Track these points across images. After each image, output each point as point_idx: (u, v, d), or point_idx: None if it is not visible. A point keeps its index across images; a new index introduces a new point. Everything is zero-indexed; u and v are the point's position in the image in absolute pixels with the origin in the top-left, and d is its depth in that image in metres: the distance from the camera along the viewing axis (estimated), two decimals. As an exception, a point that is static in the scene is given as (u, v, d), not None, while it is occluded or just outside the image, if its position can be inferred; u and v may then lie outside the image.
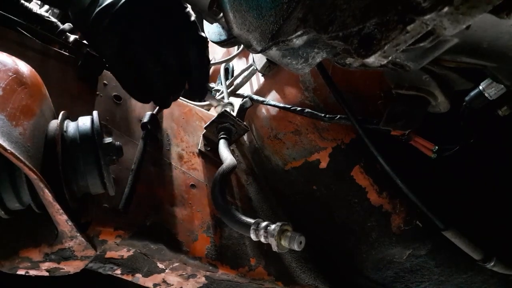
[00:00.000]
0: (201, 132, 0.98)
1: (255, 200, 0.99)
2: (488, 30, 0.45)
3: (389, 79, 0.74)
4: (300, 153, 0.98)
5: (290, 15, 0.48)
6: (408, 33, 0.33)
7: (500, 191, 0.84)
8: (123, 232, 0.59)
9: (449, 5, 0.31)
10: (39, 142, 0.47)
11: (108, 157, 0.53)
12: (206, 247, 0.72)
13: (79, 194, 0.53)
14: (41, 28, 0.79)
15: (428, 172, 0.81)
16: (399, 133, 0.74)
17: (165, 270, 0.69)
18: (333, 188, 0.95)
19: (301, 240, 0.53)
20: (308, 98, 0.93)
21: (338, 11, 0.40)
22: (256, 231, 0.57)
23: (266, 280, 0.80)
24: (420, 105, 0.70)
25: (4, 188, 0.45)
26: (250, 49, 0.56)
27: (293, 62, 0.55)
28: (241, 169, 1.04)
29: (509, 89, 0.58)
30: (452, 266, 0.86)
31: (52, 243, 0.53)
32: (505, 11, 0.34)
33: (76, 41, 0.83)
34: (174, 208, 0.72)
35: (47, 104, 0.54)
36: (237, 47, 1.11)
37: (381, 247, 0.91)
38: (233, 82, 1.16)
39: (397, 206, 0.87)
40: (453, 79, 0.64)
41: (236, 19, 0.53)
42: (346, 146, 0.91)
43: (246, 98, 1.06)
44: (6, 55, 0.48)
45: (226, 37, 0.85)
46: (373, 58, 0.36)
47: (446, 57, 0.54)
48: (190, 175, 0.84)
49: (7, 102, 0.42)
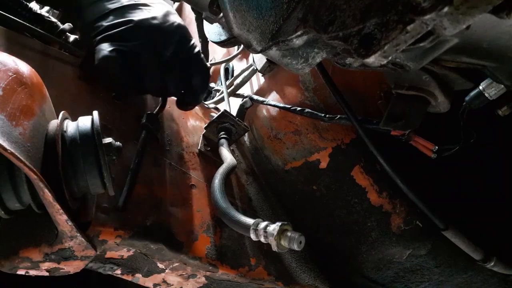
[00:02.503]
0: (201, 132, 0.98)
1: (255, 200, 0.99)
2: (488, 30, 0.45)
3: (389, 79, 0.74)
4: (300, 153, 0.98)
5: (290, 15, 0.48)
6: (408, 33, 0.33)
7: (500, 191, 0.84)
8: (123, 232, 0.59)
9: (449, 5, 0.31)
10: (39, 142, 0.47)
11: (108, 157, 0.53)
12: (206, 247, 0.72)
13: (79, 194, 0.53)
14: (41, 28, 0.79)
15: (428, 172, 0.81)
16: (399, 133, 0.74)
17: (165, 270, 0.69)
18: (333, 188, 0.95)
19: (301, 240, 0.53)
20: (308, 98, 0.93)
21: (338, 11, 0.40)
22: (256, 231, 0.57)
23: (266, 280, 0.80)
24: (420, 105, 0.70)
25: (4, 188, 0.45)
26: (250, 49, 0.56)
27: (293, 62, 0.55)
28: (241, 169, 1.04)
29: (509, 89, 0.58)
30: (452, 266, 0.86)
31: (52, 243, 0.53)
32: (505, 11, 0.34)
33: (76, 41, 0.83)
34: (174, 208, 0.72)
35: (47, 104, 0.54)
36: (237, 47, 1.11)
37: (381, 247, 0.91)
38: (233, 82, 1.16)
39: (397, 206, 0.87)
40: (453, 79, 0.64)
41: (236, 19, 0.53)
42: (346, 146, 0.91)
43: (246, 98, 1.06)
44: (6, 55, 0.48)
45: (226, 37, 0.85)
46: (373, 58, 0.36)
47: (446, 57, 0.54)
48: (190, 175, 0.84)
49: (7, 102, 0.42)
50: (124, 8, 0.68)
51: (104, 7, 0.67)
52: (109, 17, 0.67)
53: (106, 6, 0.68)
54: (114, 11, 0.67)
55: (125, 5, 0.68)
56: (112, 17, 0.67)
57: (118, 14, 0.67)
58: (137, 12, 0.68)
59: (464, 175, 0.85)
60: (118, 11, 0.67)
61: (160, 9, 0.72)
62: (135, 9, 0.69)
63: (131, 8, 0.68)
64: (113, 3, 0.68)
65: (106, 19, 0.67)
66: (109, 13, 0.67)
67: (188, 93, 0.77)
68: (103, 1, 0.68)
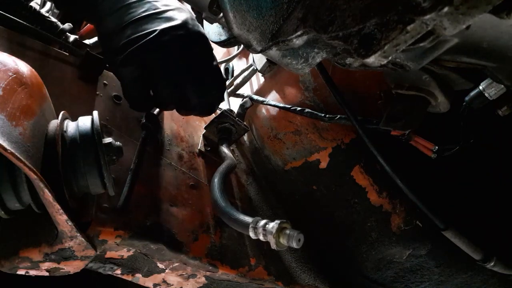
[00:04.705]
0: (201, 132, 0.98)
1: (255, 200, 0.99)
2: (488, 30, 0.45)
3: (389, 79, 0.74)
4: (300, 153, 0.98)
5: (290, 15, 0.48)
6: (408, 33, 0.33)
7: (500, 191, 0.84)
8: (123, 232, 0.59)
9: (449, 5, 0.31)
10: (39, 142, 0.47)
11: (108, 157, 0.53)
12: (206, 247, 0.72)
13: (79, 194, 0.53)
14: (41, 28, 0.79)
15: (428, 172, 0.81)
16: (399, 133, 0.74)
17: (165, 270, 0.69)
18: (333, 188, 0.95)
19: (300, 238, 0.53)
20: (308, 98, 0.93)
21: (338, 11, 0.40)
22: (255, 229, 0.57)
23: (266, 280, 0.80)
24: (420, 105, 0.70)
25: (4, 188, 0.45)
26: (250, 49, 0.56)
27: (293, 62, 0.55)
28: (241, 169, 1.04)
29: (509, 89, 0.58)
30: (452, 266, 0.86)
31: (52, 243, 0.53)
32: (505, 11, 0.34)
33: (76, 41, 0.83)
34: (174, 208, 0.72)
35: (47, 104, 0.54)
36: (237, 47, 1.11)
37: (381, 247, 0.91)
38: (233, 82, 1.16)
39: (397, 206, 0.87)
40: (453, 79, 0.64)
41: (236, 19, 0.53)
42: (346, 146, 0.91)
43: (246, 98, 1.06)
44: (6, 55, 0.48)
45: (226, 37, 0.85)
46: (373, 58, 0.36)
47: (446, 57, 0.54)
48: (190, 175, 0.84)
49: (7, 102, 0.42)
50: (144, 18, 0.65)
51: (122, 19, 0.65)
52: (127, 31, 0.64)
53: (123, 18, 0.65)
54: (132, 23, 0.65)
55: (145, 15, 0.65)
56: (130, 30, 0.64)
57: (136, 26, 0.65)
58: (156, 22, 0.66)
59: (464, 175, 0.85)
60: (136, 22, 0.65)
61: (179, 16, 0.69)
62: (153, 19, 0.66)
63: (148, 18, 0.66)
64: (130, 13, 0.65)
65: (125, 33, 0.64)
66: (127, 26, 0.64)
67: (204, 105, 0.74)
68: (124, 11, 0.66)
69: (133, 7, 0.66)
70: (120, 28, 0.64)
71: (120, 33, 0.64)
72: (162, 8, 0.67)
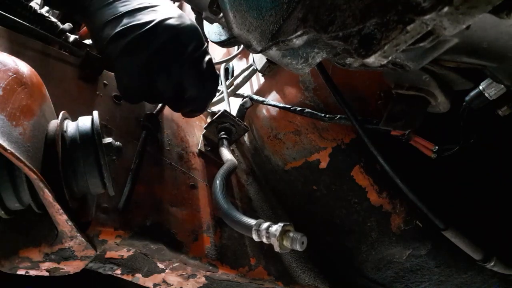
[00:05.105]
0: (201, 132, 0.98)
1: (255, 200, 0.98)
2: (488, 30, 0.45)
3: (389, 79, 0.74)
4: (300, 153, 0.98)
5: (290, 15, 0.48)
6: (408, 33, 0.33)
7: (500, 191, 0.84)
8: (123, 232, 0.59)
9: (449, 5, 0.31)
10: (39, 142, 0.47)
11: (108, 157, 0.53)
12: (206, 247, 0.72)
13: (79, 194, 0.53)
14: (41, 28, 0.79)
15: (428, 172, 0.81)
16: (399, 133, 0.74)
17: (165, 270, 0.69)
18: (333, 188, 0.95)
19: (303, 241, 0.53)
20: (308, 98, 0.93)
21: (338, 11, 0.40)
22: (258, 231, 0.57)
23: (266, 280, 0.80)
24: (420, 105, 0.70)
25: (4, 188, 0.45)
26: (250, 49, 0.56)
27: (293, 62, 0.55)
28: (241, 169, 1.04)
29: (509, 89, 0.58)
30: (452, 266, 0.86)
31: (52, 243, 0.53)
32: (505, 11, 0.34)
33: (76, 41, 0.83)
34: (174, 208, 0.72)
35: (47, 104, 0.54)
36: (237, 47, 1.11)
37: (381, 247, 0.91)
38: (233, 82, 1.16)
39: (397, 206, 0.87)
40: (453, 79, 0.64)
41: (236, 19, 0.53)
42: (346, 146, 0.91)
43: (246, 98, 1.06)
44: (6, 55, 0.48)
45: (226, 37, 0.85)
46: (373, 58, 0.36)
47: (446, 57, 0.54)
48: (190, 175, 0.84)
49: (7, 102, 0.42)
50: (140, 10, 0.66)
51: (116, 10, 0.65)
52: (123, 20, 0.64)
53: (117, 9, 0.65)
54: (127, 14, 0.65)
55: (140, 7, 0.66)
56: (126, 19, 0.64)
57: (131, 16, 0.65)
58: (151, 14, 0.66)
59: (464, 175, 0.85)
60: (131, 13, 0.65)
61: (173, 10, 0.70)
62: (148, 11, 0.66)
63: (143, 10, 0.66)
64: (124, 5, 0.66)
65: (120, 22, 0.64)
66: (122, 15, 0.65)
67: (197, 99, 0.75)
68: (114, 3, 0.66)
69: (127, 0, 0.67)
70: (115, 17, 0.65)
71: (114, 22, 0.65)
72: (155, 2, 0.69)
